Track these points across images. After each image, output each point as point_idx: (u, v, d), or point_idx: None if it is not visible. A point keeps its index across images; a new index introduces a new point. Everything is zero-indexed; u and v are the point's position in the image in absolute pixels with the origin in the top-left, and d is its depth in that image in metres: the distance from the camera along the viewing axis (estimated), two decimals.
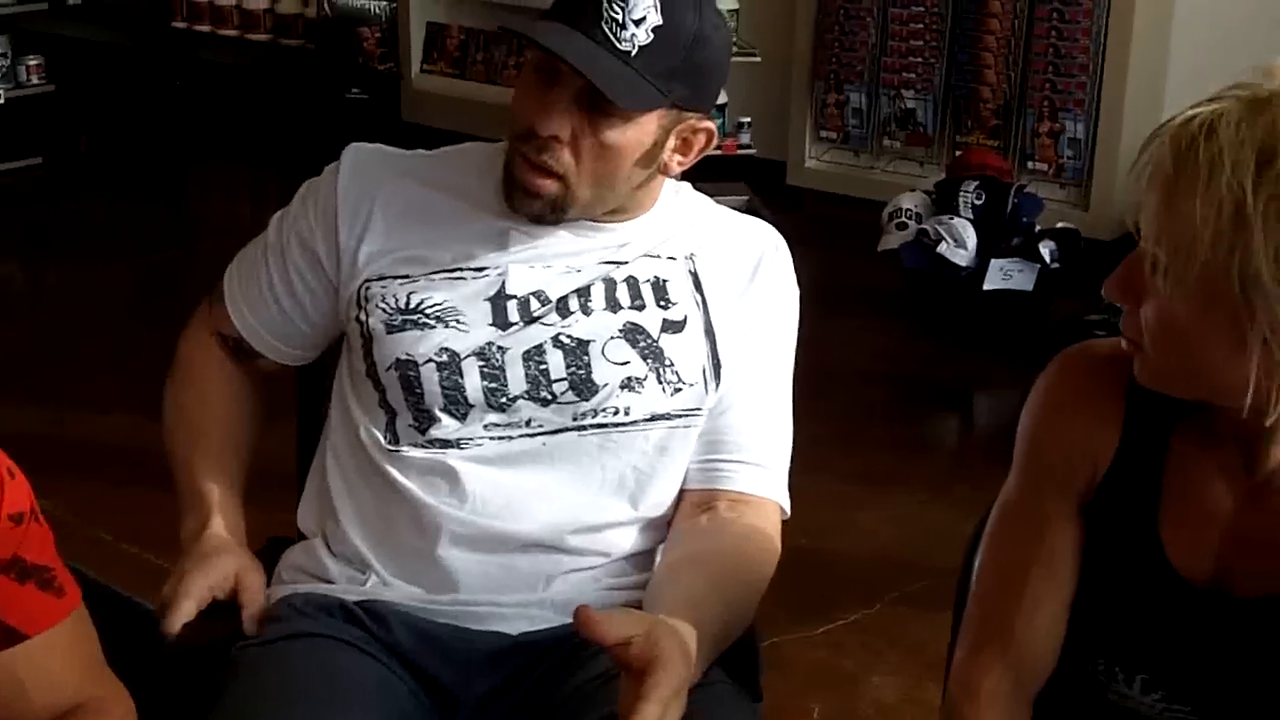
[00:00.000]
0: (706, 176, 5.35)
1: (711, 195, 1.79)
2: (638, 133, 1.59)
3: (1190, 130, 1.20)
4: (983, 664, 1.42)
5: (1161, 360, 1.28)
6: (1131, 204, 1.26)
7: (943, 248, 4.52)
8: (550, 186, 1.60)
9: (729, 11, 5.17)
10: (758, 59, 5.28)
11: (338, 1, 6.53)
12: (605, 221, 1.67)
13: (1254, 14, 4.60)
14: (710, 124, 1.67)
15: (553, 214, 1.63)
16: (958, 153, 5.24)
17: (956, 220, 4.58)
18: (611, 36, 1.54)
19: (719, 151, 5.14)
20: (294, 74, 6.60)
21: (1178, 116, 1.22)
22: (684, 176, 1.75)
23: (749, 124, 5.35)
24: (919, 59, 5.41)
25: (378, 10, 6.49)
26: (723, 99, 5.27)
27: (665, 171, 1.67)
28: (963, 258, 4.53)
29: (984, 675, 1.42)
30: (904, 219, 4.74)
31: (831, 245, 5.22)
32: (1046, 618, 1.41)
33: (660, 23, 1.55)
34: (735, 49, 5.20)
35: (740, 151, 5.34)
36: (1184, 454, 1.36)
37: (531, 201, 1.62)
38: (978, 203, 4.61)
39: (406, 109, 6.37)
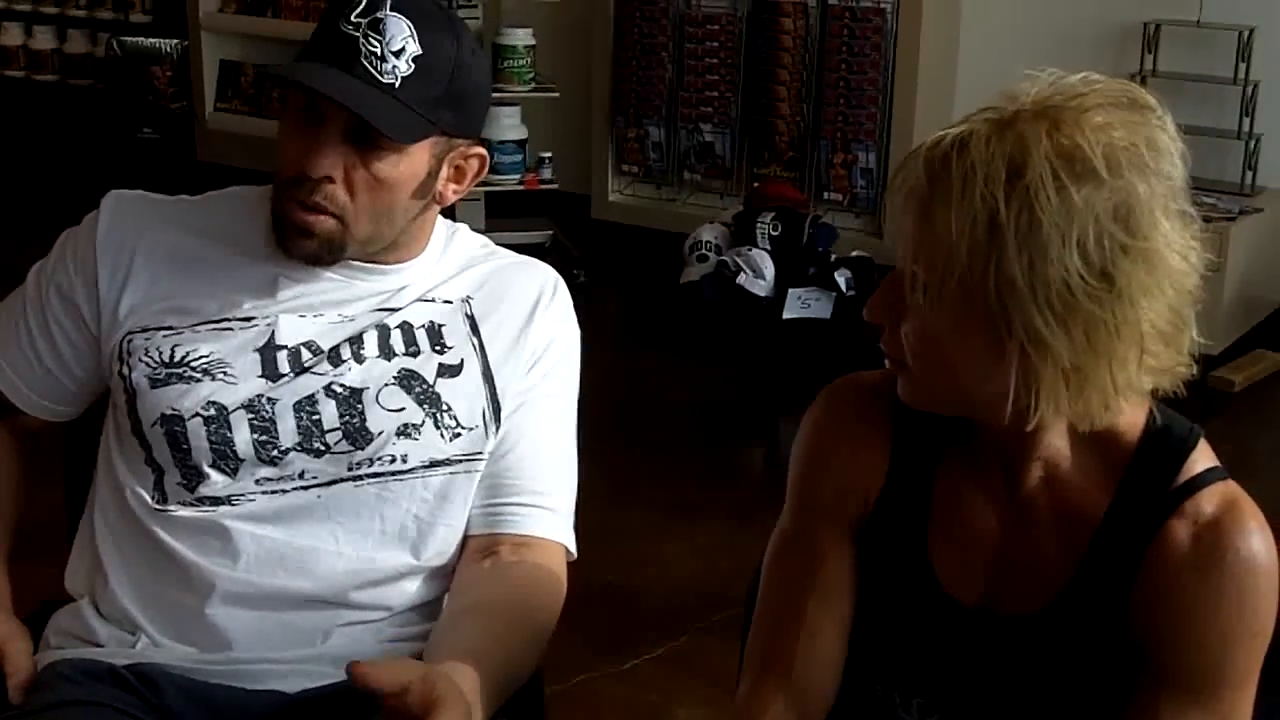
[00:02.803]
0: (511, 212, 5.33)
1: (515, 231, 1.78)
2: (410, 164, 1.58)
3: (942, 149, 1.23)
4: (764, 696, 1.42)
5: (924, 377, 1.31)
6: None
7: (742, 278, 4.57)
8: (326, 223, 1.57)
9: (525, 48, 5.18)
10: (557, 94, 5.30)
11: (127, 40, 6.39)
12: (378, 264, 1.65)
13: (1037, 47, 4.75)
14: (481, 149, 1.67)
15: (330, 254, 1.60)
16: (755, 184, 5.32)
17: (755, 251, 4.65)
18: (372, 70, 1.53)
19: (522, 187, 5.22)
20: (84, 115, 6.44)
21: (928, 140, 1.26)
22: (489, 213, 1.74)
23: (550, 159, 5.35)
24: (715, 93, 5.49)
25: (169, 49, 6.37)
26: (523, 134, 5.27)
27: (441, 201, 1.65)
28: (761, 288, 4.60)
29: (765, 708, 1.41)
30: (704, 251, 4.79)
31: (636, 278, 5.25)
32: (825, 647, 1.42)
33: (420, 52, 1.54)
34: (534, 84, 5.22)
35: (543, 186, 5.34)
36: (951, 478, 1.39)
37: (306, 242, 1.59)
38: (775, 233, 4.69)
39: (201, 148, 6.25)
